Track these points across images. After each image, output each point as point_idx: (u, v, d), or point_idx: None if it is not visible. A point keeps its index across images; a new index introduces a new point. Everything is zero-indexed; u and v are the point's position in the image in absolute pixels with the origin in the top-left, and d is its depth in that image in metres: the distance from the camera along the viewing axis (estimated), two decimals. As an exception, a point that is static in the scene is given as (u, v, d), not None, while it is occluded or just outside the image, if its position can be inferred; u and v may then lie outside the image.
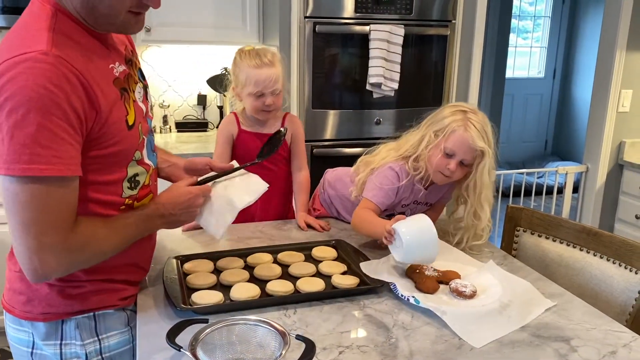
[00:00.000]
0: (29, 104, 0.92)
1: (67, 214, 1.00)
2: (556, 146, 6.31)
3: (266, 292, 1.27)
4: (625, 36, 3.17)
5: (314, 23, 2.62)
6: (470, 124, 1.51)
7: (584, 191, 3.49)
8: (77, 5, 1.02)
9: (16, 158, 0.92)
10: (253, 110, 1.80)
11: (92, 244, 1.05)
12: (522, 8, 6.03)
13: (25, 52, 0.94)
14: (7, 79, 0.92)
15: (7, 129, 0.92)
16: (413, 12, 2.76)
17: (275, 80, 1.74)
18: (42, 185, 0.95)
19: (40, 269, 0.99)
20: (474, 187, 1.56)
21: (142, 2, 1.04)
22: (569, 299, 1.33)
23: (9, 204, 0.96)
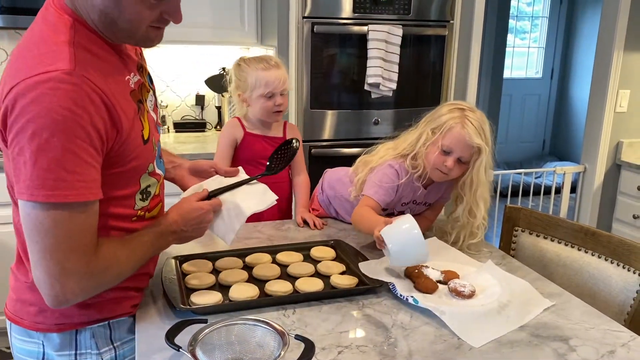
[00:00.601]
0: (54, 127, 0.89)
1: (90, 238, 0.97)
2: (554, 146, 6.32)
3: (265, 292, 1.27)
4: (622, 36, 3.18)
5: (312, 23, 2.62)
6: (468, 121, 1.51)
7: (581, 191, 3.50)
8: (95, 18, 1.00)
9: (40, 184, 0.90)
10: (264, 113, 1.85)
11: (113, 266, 1.03)
12: (519, 8, 6.04)
13: (48, 71, 0.90)
14: (29, 100, 0.89)
15: (30, 153, 0.89)
16: (411, 13, 2.76)
17: (283, 81, 1.83)
18: (66, 211, 0.92)
19: (62, 295, 0.96)
20: (470, 185, 1.56)
21: (163, 17, 1.02)
22: (567, 299, 1.34)
23: (31, 230, 0.93)
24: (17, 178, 0.92)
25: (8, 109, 0.91)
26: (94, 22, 1.00)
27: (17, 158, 0.91)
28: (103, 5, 0.97)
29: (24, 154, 0.90)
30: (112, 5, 0.97)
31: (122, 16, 0.98)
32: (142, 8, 0.98)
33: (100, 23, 1.00)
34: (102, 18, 0.99)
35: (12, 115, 0.90)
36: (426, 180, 1.64)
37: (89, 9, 0.99)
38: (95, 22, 1.00)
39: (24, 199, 0.91)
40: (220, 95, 3.18)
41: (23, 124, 0.89)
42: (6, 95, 0.92)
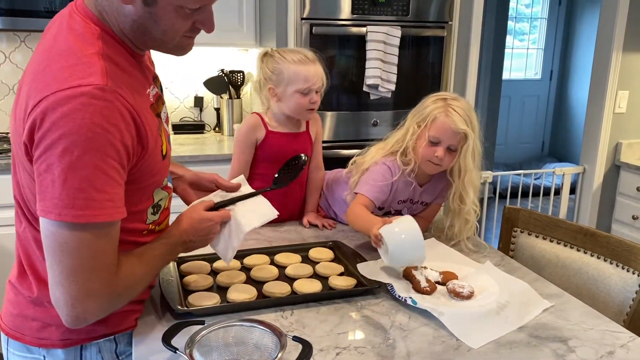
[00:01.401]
0: (86, 144, 0.86)
1: (112, 258, 0.95)
2: (553, 147, 6.32)
3: (263, 294, 1.27)
4: (621, 37, 3.18)
5: (311, 25, 2.62)
6: (451, 109, 1.52)
7: (581, 192, 3.49)
8: (126, 27, 0.98)
9: (70, 203, 0.86)
10: (297, 109, 1.71)
11: (132, 285, 1.01)
12: (518, 10, 6.05)
13: (80, 85, 0.87)
14: (60, 115, 0.86)
15: (60, 171, 0.86)
16: (410, 14, 2.76)
17: (321, 77, 1.71)
18: (94, 231, 0.90)
19: (82, 315, 0.93)
20: (458, 171, 1.57)
21: (196, 26, 1.02)
22: (566, 300, 1.33)
23: (54, 250, 0.90)
24: (42, 195, 0.88)
25: (36, 123, 0.87)
26: (123, 32, 0.99)
27: (44, 175, 0.87)
28: (137, 16, 0.96)
29: (53, 171, 0.86)
30: (146, 16, 0.96)
31: (157, 26, 0.97)
32: (177, 18, 0.97)
33: (131, 32, 0.99)
34: (134, 28, 0.98)
35: (41, 130, 0.87)
36: (418, 175, 1.63)
37: (120, 18, 0.97)
38: (125, 32, 0.99)
39: (51, 218, 0.88)
40: (219, 97, 3.18)
41: (53, 140, 0.86)
42: (33, 108, 0.88)
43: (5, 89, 2.83)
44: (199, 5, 0.98)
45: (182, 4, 0.96)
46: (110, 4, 0.96)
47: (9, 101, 2.85)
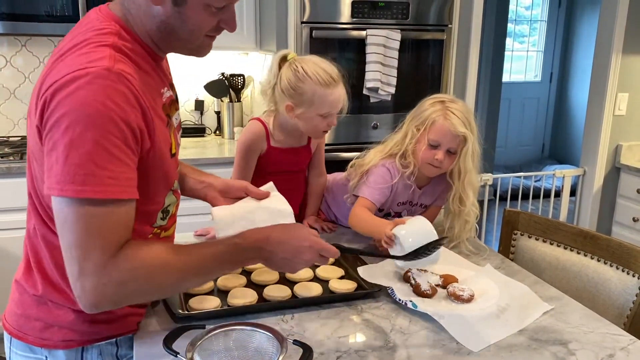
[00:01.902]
0: (87, 120, 0.87)
1: (113, 238, 0.92)
2: (553, 149, 6.32)
3: (263, 298, 1.27)
4: (621, 40, 3.18)
5: (311, 28, 2.63)
6: (450, 112, 1.53)
7: (581, 194, 3.49)
8: (152, 27, 1.00)
9: (70, 178, 0.87)
10: (313, 131, 1.64)
11: (142, 270, 0.94)
12: (518, 12, 6.05)
13: (86, 67, 0.90)
14: (65, 94, 0.88)
15: (62, 148, 0.87)
16: (409, 17, 2.77)
17: (344, 100, 1.63)
18: (91, 207, 0.89)
19: (84, 296, 0.91)
20: (458, 173, 1.58)
21: (220, 25, 1.04)
22: (566, 302, 1.33)
23: (59, 228, 0.91)
24: (49, 173, 0.90)
25: (46, 104, 0.90)
26: (148, 33, 1.01)
27: (50, 153, 0.89)
28: (165, 16, 0.98)
29: (57, 148, 0.88)
30: (175, 15, 0.98)
31: (184, 26, 1.00)
32: (204, 17, 1.00)
33: (157, 33, 1.01)
34: (161, 28, 1.00)
35: (49, 110, 0.90)
36: (417, 177, 1.63)
37: (147, 19, 1.00)
38: (150, 33, 1.01)
39: (54, 194, 0.89)
40: (219, 100, 3.19)
41: (57, 118, 0.88)
42: (45, 92, 0.91)
43: (7, 93, 2.84)
44: (225, 3, 1.00)
45: (210, 3, 0.98)
46: (138, 6, 0.99)
47: (9, 105, 2.85)
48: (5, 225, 2.39)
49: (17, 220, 2.38)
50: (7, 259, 2.40)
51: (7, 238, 2.40)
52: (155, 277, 0.97)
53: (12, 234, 2.39)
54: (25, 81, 2.85)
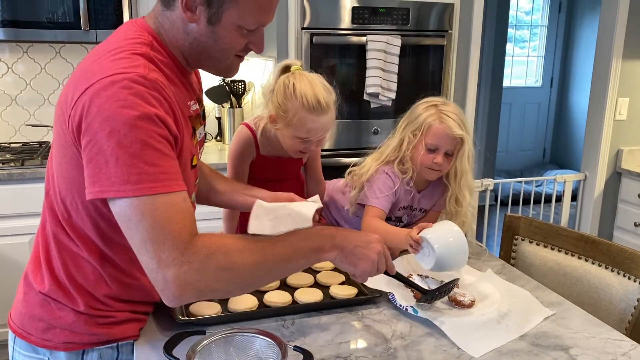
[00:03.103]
0: (130, 122, 0.90)
1: (181, 226, 0.94)
2: (554, 154, 6.32)
3: (264, 303, 1.27)
4: (621, 44, 3.19)
5: (311, 34, 2.63)
6: (444, 115, 1.54)
7: (582, 199, 3.49)
8: (185, 44, 1.04)
9: (125, 179, 0.90)
10: (289, 149, 1.63)
11: (217, 255, 0.95)
12: (518, 18, 6.07)
13: (123, 72, 0.93)
14: (105, 98, 0.91)
15: (110, 151, 0.90)
16: (410, 23, 2.78)
17: (326, 129, 1.58)
18: (153, 203, 0.92)
19: (167, 288, 0.92)
20: (454, 174, 1.60)
21: (248, 46, 1.07)
22: (567, 308, 1.33)
23: (125, 230, 0.93)
24: (97, 177, 0.92)
25: (84, 110, 0.92)
26: (179, 49, 1.05)
27: (97, 157, 0.91)
28: (199, 34, 1.02)
29: (104, 152, 0.90)
30: (208, 34, 1.02)
31: (216, 45, 1.03)
32: (235, 38, 1.03)
33: (189, 50, 1.05)
34: (193, 45, 1.04)
35: (89, 116, 0.91)
36: (416, 182, 1.64)
37: (180, 35, 1.03)
38: (182, 49, 1.05)
39: (110, 196, 0.91)
40: (220, 106, 3.19)
41: (100, 123, 0.90)
42: (80, 96, 0.93)
43: (8, 100, 2.85)
44: (256, 25, 1.04)
45: (242, 24, 1.02)
46: (172, 22, 1.03)
47: (11, 112, 2.86)
48: (6, 231, 2.39)
49: (17, 226, 2.38)
50: (7, 265, 2.40)
51: (8, 244, 2.40)
52: (234, 263, 0.97)
53: (13, 240, 2.40)
54: (26, 87, 2.86)
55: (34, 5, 2.44)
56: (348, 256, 1.09)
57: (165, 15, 1.04)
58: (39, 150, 2.67)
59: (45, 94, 2.88)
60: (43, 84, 2.87)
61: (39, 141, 2.87)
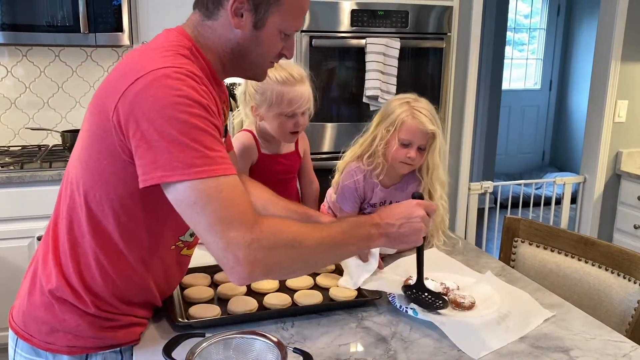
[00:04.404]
0: (189, 110, 0.94)
1: (245, 207, 0.97)
2: (554, 157, 6.32)
3: (263, 306, 1.27)
4: (619, 47, 3.19)
5: (311, 37, 2.64)
6: (417, 111, 1.59)
7: (582, 202, 3.49)
8: (226, 50, 1.08)
9: (190, 162, 0.93)
10: (280, 132, 1.66)
11: (284, 232, 1.00)
12: (517, 20, 6.08)
13: (174, 66, 0.97)
14: (160, 88, 0.94)
15: (171, 138, 0.92)
16: (409, 26, 2.78)
17: (308, 98, 1.64)
18: (217, 185, 0.95)
19: (239, 266, 0.95)
20: (427, 168, 1.66)
21: (282, 52, 1.12)
22: (567, 309, 1.33)
23: (190, 214, 0.96)
24: (157, 164, 0.93)
25: (136, 99, 0.94)
26: (218, 55, 1.09)
27: (156, 144, 0.93)
28: (242, 39, 1.07)
29: (164, 139, 0.92)
30: (252, 38, 1.07)
31: (257, 49, 1.08)
32: (276, 41, 1.09)
33: (230, 55, 1.09)
34: (235, 50, 1.08)
35: (144, 105, 0.93)
36: (388, 176, 1.68)
37: (221, 41, 1.08)
38: (221, 55, 1.09)
39: (174, 180, 0.93)
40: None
41: (157, 111, 0.93)
42: (129, 87, 0.95)
43: (7, 103, 2.85)
44: (295, 30, 1.11)
45: (282, 29, 1.08)
46: (213, 30, 1.08)
47: (10, 115, 2.86)
48: (5, 234, 2.39)
49: (17, 229, 2.38)
50: (7, 268, 2.39)
51: (7, 247, 2.40)
52: (299, 241, 1.01)
53: (12, 244, 2.39)
54: (25, 91, 2.86)
55: (33, 8, 2.44)
56: (396, 239, 1.16)
57: (205, 25, 1.08)
58: (39, 153, 2.67)
59: (44, 97, 2.88)
60: (42, 88, 2.87)
61: (38, 144, 2.87)
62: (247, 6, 1.04)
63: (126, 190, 1.02)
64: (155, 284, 1.15)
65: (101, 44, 2.55)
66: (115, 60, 2.94)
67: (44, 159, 2.56)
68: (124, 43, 2.57)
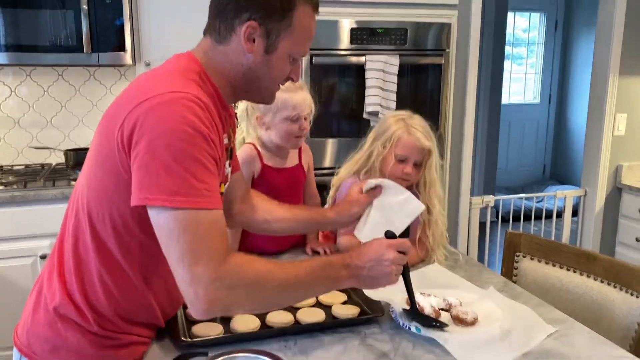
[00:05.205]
0: (188, 139, 0.96)
1: (218, 244, 0.99)
2: (554, 170, 6.33)
3: (266, 324, 1.27)
4: (617, 61, 3.21)
5: (311, 55, 2.66)
6: (413, 128, 1.65)
7: (583, 215, 3.49)
8: (237, 74, 1.11)
9: (176, 190, 0.95)
10: (286, 137, 1.71)
11: (247, 274, 1.02)
12: (515, 35, 6.13)
13: (180, 91, 0.99)
14: (164, 112, 0.96)
15: (165, 162, 0.94)
16: (407, 43, 2.81)
17: (309, 104, 1.74)
18: (197, 217, 0.97)
19: (197, 302, 0.97)
20: (424, 184, 1.69)
21: (289, 76, 1.16)
22: (570, 325, 1.33)
23: (166, 239, 0.97)
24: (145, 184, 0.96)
25: (139, 120, 0.96)
26: (229, 79, 1.12)
27: (149, 166, 0.95)
28: (254, 63, 1.10)
29: (158, 162, 0.95)
30: (263, 62, 1.10)
31: (268, 72, 1.12)
32: (285, 65, 1.12)
33: (241, 79, 1.12)
34: (247, 74, 1.11)
35: (146, 125, 0.96)
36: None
37: (233, 66, 1.11)
38: (232, 79, 1.12)
39: (157, 204, 0.95)
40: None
41: (158, 134, 0.95)
42: (134, 108, 0.98)
43: (11, 122, 2.87)
44: (303, 54, 1.15)
45: (292, 53, 1.12)
46: (224, 55, 1.10)
47: (14, 134, 2.88)
48: (9, 253, 2.39)
49: (20, 248, 2.38)
50: (11, 287, 2.39)
51: (10, 266, 2.40)
52: (261, 282, 1.03)
53: (16, 262, 2.39)
54: (29, 110, 2.88)
55: (37, 29, 2.47)
56: (366, 281, 1.17)
57: (217, 50, 1.11)
58: (42, 172, 2.68)
59: (47, 116, 2.91)
60: (46, 107, 2.90)
61: (42, 163, 2.89)
62: (259, 32, 1.07)
63: (127, 210, 1.03)
64: (157, 303, 1.15)
65: (104, 63, 2.58)
66: (118, 79, 2.96)
67: (47, 177, 2.57)
68: (126, 62, 2.59)
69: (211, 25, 1.12)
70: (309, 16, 1.12)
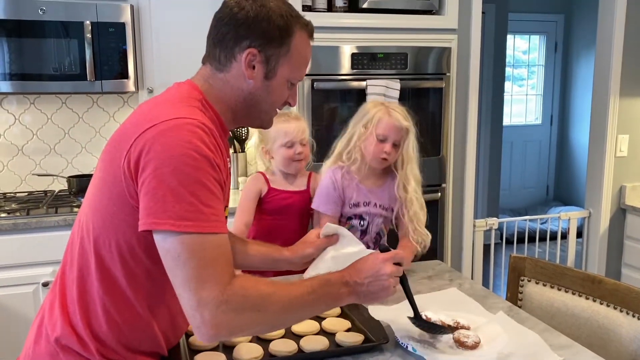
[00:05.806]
0: (194, 164, 0.98)
1: (223, 268, 1.00)
2: (557, 191, 6.31)
3: (269, 353, 1.26)
4: (617, 82, 3.23)
5: (312, 80, 2.69)
6: (392, 110, 1.80)
7: (587, 236, 3.47)
8: (238, 100, 1.15)
9: (182, 215, 0.96)
10: (285, 162, 1.94)
11: (253, 297, 1.03)
12: (516, 57, 6.17)
13: (186, 117, 1.01)
14: (170, 138, 0.98)
15: (172, 187, 0.96)
16: (408, 67, 2.83)
17: (302, 130, 1.94)
18: (203, 242, 0.98)
19: (204, 327, 0.98)
20: (401, 162, 1.81)
21: (287, 100, 1.20)
22: (577, 351, 1.31)
23: (171, 264, 0.98)
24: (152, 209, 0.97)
25: (146, 146, 0.98)
26: (229, 105, 1.15)
27: (156, 191, 0.96)
28: (255, 89, 1.14)
29: (165, 187, 0.96)
30: (263, 88, 1.14)
31: (268, 97, 1.15)
32: (283, 90, 1.17)
33: (242, 104, 1.15)
34: (247, 99, 1.15)
35: (152, 152, 0.98)
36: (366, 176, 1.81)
37: (234, 92, 1.14)
38: (233, 105, 1.15)
39: (164, 228, 0.96)
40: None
41: (164, 160, 0.97)
42: (141, 134, 1.00)
43: (14, 150, 2.89)
44: (299, 79, 1.19)
45: (290, 78, 1.16)
46: (225, 82, 1.14)
47: (17, 161, 2.90)
48: (11, 281, 2.38)
49: (22, 276, 2.37)
50: (13, 315, 2.38)
51: (13, 294, 2.38)
52: (266, 304, 1.04)
53: (18, 290, 2.38)
54: (33, 138, 2.90)
55: (41, 58, 2.50)
56: (366, 297, 1.18)
57: (217, 77, 1.14)
58: (45, 199, 2.69)
59: (51, 143, 2.93)
60: (49, 134, 2.92)
61: (45, 190, 2.89)
62: (259, 58, 1.11)
63: (133, 236, 1.04)
64: (161, 331, 1.15)
65: (107, 90, 2.61)
66: (120, 106, 2.99)
67: (50, 204, 2.57)
68: (129, 89, 2.62)
69: (211, 54, 1.15)
70: (305, 42, 1.16)
